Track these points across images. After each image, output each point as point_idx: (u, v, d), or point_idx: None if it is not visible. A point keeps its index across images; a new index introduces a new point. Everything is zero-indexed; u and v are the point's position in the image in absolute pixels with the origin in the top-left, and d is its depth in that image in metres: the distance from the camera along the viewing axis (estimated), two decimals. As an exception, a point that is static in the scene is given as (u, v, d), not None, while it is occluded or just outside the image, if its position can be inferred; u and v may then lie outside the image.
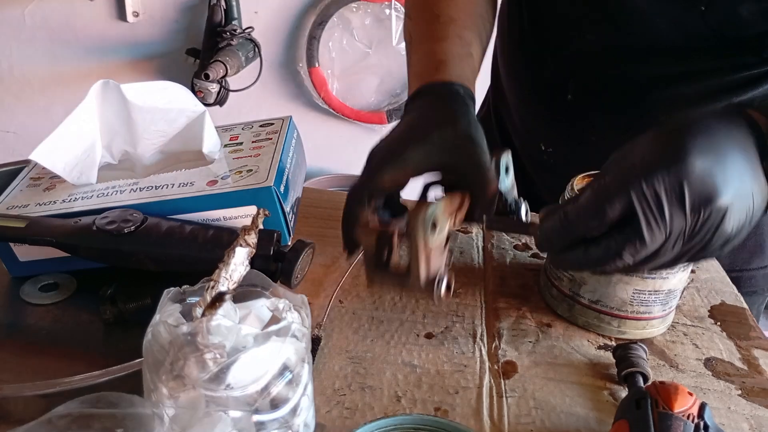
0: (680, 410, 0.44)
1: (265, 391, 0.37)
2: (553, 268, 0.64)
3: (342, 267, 0.69)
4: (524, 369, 0.57)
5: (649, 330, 0.62)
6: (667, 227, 0.43)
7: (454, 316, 0.63)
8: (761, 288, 0.84)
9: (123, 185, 0.65)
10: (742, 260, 0.80)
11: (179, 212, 0.62)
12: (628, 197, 0.43)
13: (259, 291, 0.42)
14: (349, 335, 0.59)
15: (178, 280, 0.43)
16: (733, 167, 0.44)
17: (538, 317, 0.64)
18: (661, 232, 0.43)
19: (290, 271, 0.57)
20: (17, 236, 0.60)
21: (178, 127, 0.69)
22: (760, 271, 0.84)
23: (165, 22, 2.00)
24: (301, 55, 2.01)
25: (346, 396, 0.52)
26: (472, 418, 0.51)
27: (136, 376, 0.41)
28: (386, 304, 0.64)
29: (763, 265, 0.84)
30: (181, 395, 0.36)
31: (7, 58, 2.07)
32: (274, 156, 0.66)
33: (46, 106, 2.10)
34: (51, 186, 0.67)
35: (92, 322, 0.60)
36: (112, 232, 0.57)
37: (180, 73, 1.99)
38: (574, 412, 0.53)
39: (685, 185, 0.42)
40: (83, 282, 0.64)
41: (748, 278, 0.75)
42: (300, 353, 0.39)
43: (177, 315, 0.38)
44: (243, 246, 0.39)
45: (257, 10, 1.97)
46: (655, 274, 0.57)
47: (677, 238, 0.44)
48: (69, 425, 0.39)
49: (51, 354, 0.57)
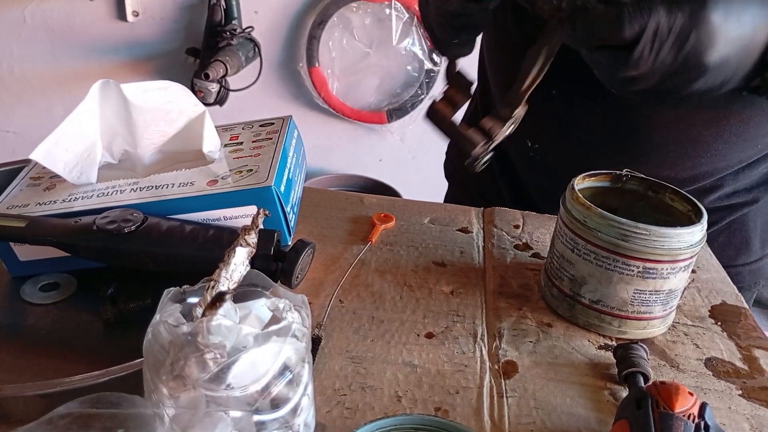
0: (681, 410, 0.44)
1: (265, 391, 0.37)
2: (553, 268, 0.64)
3: (342, 267, 0.69)
4: (525, 369, 0.57)
5: (649, 330, 0.61)
6: (654, 63, 0.47)
7: (455, 316, 0.63)
8: (747, 284, 0.85)
9: (123, 185, 0.65)
10: (728, 256, 0.80)
11: (179, 212, 0.62)
12: (645, 25, 0.46)
13: (259, 291, 0.42)
14: (350, 335, 0.59)
15: (178, 279, 0.43)
16: (741, 37, 0.48)
17: (538, 317, 0.64)
18: (647, 64, 0.48)
19: (290, 271, 0.57)
20: (17, 236, 0.60)
21: (178, 126, 0.69)
22: (746, 267, 0.85)
23: (165, 21, 2.00)
24: (301, 54, 2.01)
25: (346, 396, 0.52)
26: (473, 418, 0.51)
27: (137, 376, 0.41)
28: (386, 304, 0.64)
29: (748, 261, 0.85)
30: (182, 395, 0.36)
31: (7, 58, 2.07)
32: (275, 156, 0.66)
33: (46, 106, 2.10)
34: (51, 186, 0.67)
35: (92, 322, 0.60)
36: (112, 231, 0.57)
37: (180, 72, 1.99)
38: (574, 412, 0.53)
39: (692, 36, 0.46)
40: (83, 282, 0.64)
41: (735, 274, 0.76)
42: (300, 353, 0.39)
43: (177, 315, 0.38)
44: (243, 246, 0.39)
45: (257, 10, 1.97)
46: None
47: (655, 73, 0.48)
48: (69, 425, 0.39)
49: (51, 354, 0.57)
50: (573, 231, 0.60)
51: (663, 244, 0.56)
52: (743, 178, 0.79)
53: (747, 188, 0.81)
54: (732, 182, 0.79)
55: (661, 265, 0.57)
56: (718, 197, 0.80)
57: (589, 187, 0.66)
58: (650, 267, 0.57)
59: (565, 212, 0.62)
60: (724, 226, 0.83)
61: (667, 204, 0.64)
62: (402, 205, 0.83)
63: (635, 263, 0.57)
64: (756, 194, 0.81)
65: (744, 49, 0.49)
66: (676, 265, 0.58)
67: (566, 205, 0.62)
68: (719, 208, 0.81)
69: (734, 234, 0.84)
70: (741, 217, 0.83)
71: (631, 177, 0.66)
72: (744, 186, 0.80)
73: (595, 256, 0.59)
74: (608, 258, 0.58)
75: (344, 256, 0.71)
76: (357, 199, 0.84)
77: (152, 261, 0.59)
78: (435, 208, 0.83)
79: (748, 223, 0.83)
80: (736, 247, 0.83)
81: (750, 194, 0.81)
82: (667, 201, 0.64)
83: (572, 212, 0.60)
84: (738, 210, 0.82)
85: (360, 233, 0.76)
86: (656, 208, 0.65)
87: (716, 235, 0.82)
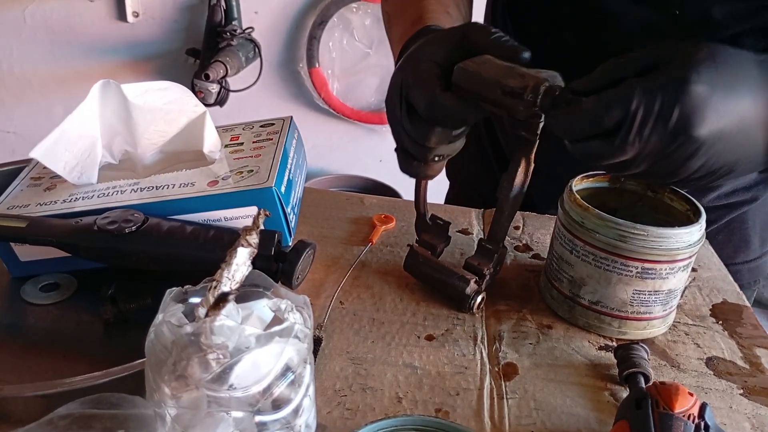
0: (681, 410, 0.44)
1: (267, 392, 0.37)
2: (553, 270, 0.64)
3: (343, 268, 0.69)
4: (525, 371, 0.57)
5: (650, 330, 0.62)
6: (642, 145, 0.44)
7: (455, 319, 0.63)
8: (747, 282, 0.85)
9: (124, 185, 0.65)
10: (727, 255, 0.81)
11: (180, 212, 0.62)
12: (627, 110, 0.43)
13: (261, 291, 0.42)
14: (350, 336, 0.59)
15: (178, 280, 0.43)
16: (736, 111, 0.44)
17: (538, 319, 0.64)
18: (632, 147, 0.44)
19: (291, 272, 0.57)
20: (18, 236, 0.60)
21: (178, 127, 0.69)
22: (745, 265, 0.85)
23: (165, 22, 2.00)
24: (302, 55, 2.01)
25: (347, 397, 0.52)
26: (473, 419, 0.51)
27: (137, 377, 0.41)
28: (387, 306, 0.64)
29: (747, 259, 0.85)
30: (184, 395, 0.36)
31: (7, 58, 2.07)
32: (275, 156, 0.66)
33: (46, 106, 2.10)
34: (51, 186, 0.67)
35: (92, 322, 0.60)
36: (112, 232, 0.57)
37: (180, 73, 1.99)
38: (574, 412, 0.53)
39: (676, 110, 0.42)
40: (83, 282, 0.64)
41: (734, 273, 0.76)
42: (302, 354, 0.39)
43: (180, 315, 0.38)
44: (245, 246, 0.39)
45: (257, 10, 1.97)
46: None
47: (648, 157, 0.45)
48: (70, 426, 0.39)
49: (51, 354, 0.57)
50: (571, 232, 0.60)
51: (661, 245, 0.56)
52: (741, 177, 0.80)
53: (746, 187, 0.81)
54: (730, 182, 0.80)
55: (660, 265, 0.57)
56: (717, 196, 0.80)
57: (587, 187, 0.66)
58: (649, 267, 0.57)
59: (563, 214, 0.62)
60: (723, 224, 0.83)
61: (666, 204, 0.64)
62: (402, 206, 0.83)
63: (634, 264, 0.57)
64: (755, 193, 0.81)
65: (744, 122, 0.44)
66: (675, 265, 0.58)
67: (564, 207, 0.62)
68: (718, 207, 0.81)
69: (733, 232, 0.84)
70: (740, 216, 0.83)
71: (630, 177, 0.66)
72: (743, 185, 0.81)
73: (593, 257, 0.59)
74: (607, 259, 0.58)
75: (344, 257, 0.71)
76: (357, 199, 0.84)
77: (152, 261, 0.59)
78: (435, 209, 0.83)
79: (747, 222, 0.83)
80: (735, 246, 0.84)
81: (749, 193, 0.81)
82: (666, 201, 0.64)
83: (570, 213, 0.60)
84: (737, 208, 0.82)
85: (360, 234, 0.76)
86: (655, 207, 0.65)
87: (715, 234, 0.83)
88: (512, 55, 0.51)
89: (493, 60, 0.51)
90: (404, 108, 0.54)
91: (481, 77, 0.50)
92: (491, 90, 0.50)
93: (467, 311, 0.63)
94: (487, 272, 0.63)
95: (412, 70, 0.54)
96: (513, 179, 0.57)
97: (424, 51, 0.54)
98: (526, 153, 0.56)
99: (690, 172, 0.45)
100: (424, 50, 0.54)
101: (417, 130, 0.54)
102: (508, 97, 0.49)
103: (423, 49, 0.55)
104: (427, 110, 0.52)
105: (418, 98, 0.52)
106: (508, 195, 0.58)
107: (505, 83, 0.49)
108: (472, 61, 0.52)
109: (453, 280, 0.63)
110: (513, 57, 0.51)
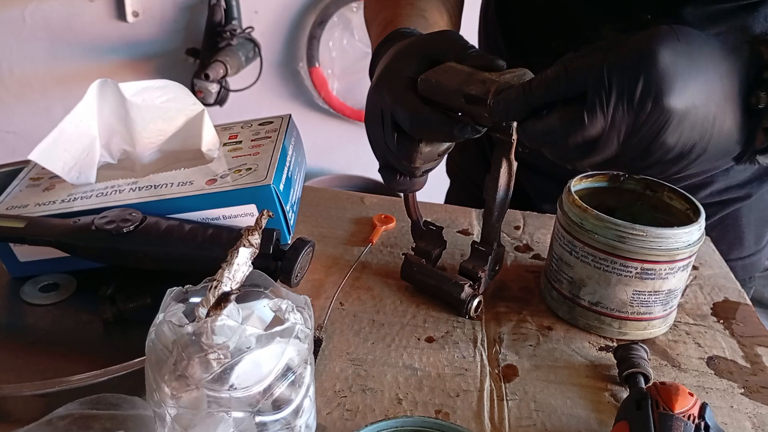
0: (681, 411, 0.44)
1: (267, 392, 0.37)
2: (552, 271, 0.64)
3: (343, 268, 0.69)
4: (525, 372, 0.57)
5: (650, 330, 0.61)
6: (609, 115, 0.42)
7: (455, 322, 0.63)
8: (741, 279, 0.85)
9: (122, 184, 0.65)
10: (722, 251, 0.81)
11: (178, 211, 0.61)
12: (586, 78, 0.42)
13: (261, 291, 0.42)
14: (350, 337, 0.59)
15: (177, 279, 0.43)
16: (702, 80, 0.42)
17: (538, 320, 0.64)
18: (601, 117, 0.42)
19: (290, 270, 0.57)
20: (17, 236, 0.60)
21: (176, 125, 0.69)
22: (739, 261, 0.85)
23: (165, 21, 1.99)
24: (302, 54, 2.01)
25: (347, 398, 0.52)
26: (473, 420, 0.51)
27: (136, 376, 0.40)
28: (387, 308, 0.64)
29: (742, 255, 0.85)
30: (184, 395, 0.36)
31: (7, 58, 2.07)
32: (274, 154, 0.66)
33: (46, 106, 2.10)
34: (50, 186, 0.67)
35: (92, 322, 0.60)
36: (111, 231, 0.57)
37: (180, 73, 1.99)
38: (575, 413, 0.53)
39: (641, 78, 0.41)
40: (83, 282, 0.64)
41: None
42: (303, 354, 0.39)
43: (180, 315, 0.38)
44: (247, 246, 0.39)
45: (257, 10, 1.97)
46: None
47: (618, 132, 0.43)
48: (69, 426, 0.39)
49: (51, 354, 0.57)
50: (570, 233, 0.60)
51: (660, 245, 0.56)
52: (735, 174, 0.80)
53: (739, 184, 0.81)
54: (723, 179, 0.80)
55: (659, 265, 0.57)
56: (710, 193, 0.81)
57: (586, 187, 0.66)
58: (648, 268, 0.57)
59: (562, 215, 0.61)
60: (717, 221, 0.83)
61: (666, 202, 0.64)
62: (402, 206, 0.83)
63: (633, 264, 0.57)
64: (748, 190, 0.82)
65: (711, 93, 0.43)
66: (675, 265, 0.58)
67: (563, 208, 0.62)
68: (712, 203, 0.81)
69: (727, 229, 0.84)
70: (734, 213, 0.83)
71: (629, 176, 0.66)
72: (736, 182, 0.81)
73: (593, 258, 0.59)
74: (606, 260, 0.58)
75: (344, 258, 0.71)
76: (357, 198, 0.84)
77: (151, 260, 0.58)
78: (436, 209, 0.83)
79: (741, 219, 0.84)
80: (729, 242, 0.84)
81: (742, 190, 0.81)
82: (666, 199, 0.64)
83: (569, 214, 0.60)
84: (731, 205, 0.83)
85: (360, 234, 0.76)
86: (655, 206, 0.65)
87: (709, 231, 0.83)
88: (478, 64, 0.51)
89: (455, 67, 0.51)
90: (388, 127, 0.54)
91: (443, 87, 0.50)
92: (455, 99, 0.50)
93: (465, 316, 0.63)
94: (482, 275, 0.63)
95: (388, 89, 0.54)
96: (497, 180, 0.57)
97: (395, 67, 0.54)
98: (506, 154, 0.57)
99: (665, 149, 0.43)
100: (396, 66, 0.54)
101: (403, 148, 0.55)
102: (472, 104, 0.49)
103: (394, 65, 0.55)
104: (412, 126, 0.52)
105: (401, 116, 0.53)
106: (494, 196, 0.58)
107: (467, 91, 0.49)
108: (434, 71, 0.51)
109: (447, 286, 0.63)
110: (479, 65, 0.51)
